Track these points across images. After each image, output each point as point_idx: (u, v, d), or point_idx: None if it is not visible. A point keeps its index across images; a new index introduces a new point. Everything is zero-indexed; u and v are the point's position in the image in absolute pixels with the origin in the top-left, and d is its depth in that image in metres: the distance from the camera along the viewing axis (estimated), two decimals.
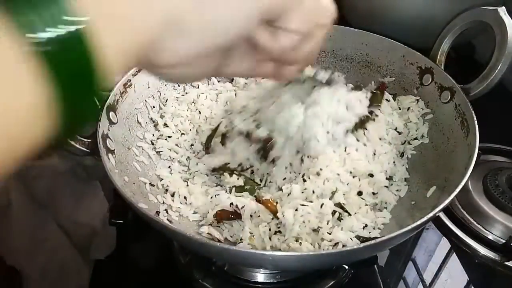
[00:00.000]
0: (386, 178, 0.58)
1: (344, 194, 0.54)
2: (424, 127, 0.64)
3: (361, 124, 0.59)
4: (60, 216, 0.66)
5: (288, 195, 0.55)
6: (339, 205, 0.53)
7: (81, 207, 0.68)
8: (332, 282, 0.58)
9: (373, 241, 0.43)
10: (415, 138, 0.64)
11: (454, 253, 0.62)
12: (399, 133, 0.64)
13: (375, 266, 0.60)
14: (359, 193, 0.56)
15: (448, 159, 0.58)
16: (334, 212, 0.53)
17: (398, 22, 0.88)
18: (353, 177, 0.57)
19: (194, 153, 0.65)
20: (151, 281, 0.61)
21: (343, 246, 0.50)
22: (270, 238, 0.53)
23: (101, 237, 0.67)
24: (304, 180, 0.55)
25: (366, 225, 0.53)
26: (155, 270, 0.62)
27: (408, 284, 0.61)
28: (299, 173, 0.56)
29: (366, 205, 0.56)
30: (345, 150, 0.58)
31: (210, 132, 0.64)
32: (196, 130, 0.66)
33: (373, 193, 0.57)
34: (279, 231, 0.53)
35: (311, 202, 0.53)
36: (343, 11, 1.05)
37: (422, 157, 0.62)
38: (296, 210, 0.52)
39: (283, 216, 0.52)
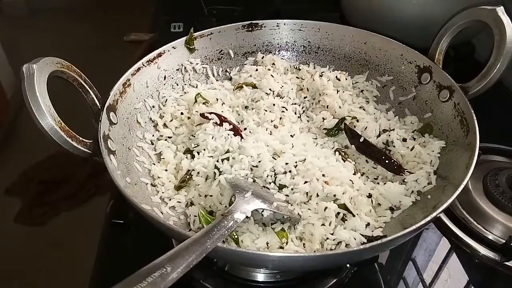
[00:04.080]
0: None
1: (351, 198, 0.54)
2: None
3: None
4: None
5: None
6: (344, 206, 0.53)
7: None
8: (334, 280, 0.58)
9: (378, 241, 0.43)
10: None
11: (454, 253, 0.62)
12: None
13: (376, 265, 0.60)
14: (369, 196, 0.56)
15: (447, 158, 0.58)
16: (338, 214, 0.53)
17: (397, 22, 0.88)
18: (364, 182, 0.58)
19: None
20: None
21: (346, 245, 0.50)
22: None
23: None
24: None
25: (368, 224, 0.53)
26: None
27: (408, 284, 0.61)
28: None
29: (371, 205, 0.56)
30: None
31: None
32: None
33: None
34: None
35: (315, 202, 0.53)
36: (343, 11, 1.06)
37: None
38: (299, 215, 0.53)
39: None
